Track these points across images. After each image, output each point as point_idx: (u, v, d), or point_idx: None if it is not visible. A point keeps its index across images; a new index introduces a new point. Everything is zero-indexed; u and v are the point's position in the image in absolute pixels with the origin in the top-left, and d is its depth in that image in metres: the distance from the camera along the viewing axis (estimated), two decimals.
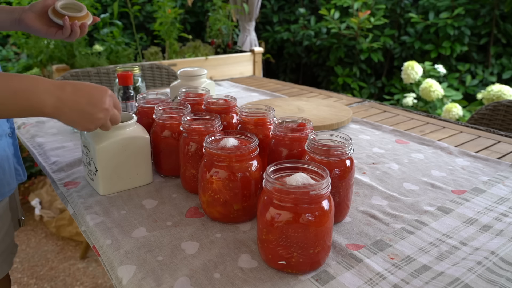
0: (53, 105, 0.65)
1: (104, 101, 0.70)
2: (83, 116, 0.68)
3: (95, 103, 0.69)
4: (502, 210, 0.75)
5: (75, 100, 0.66)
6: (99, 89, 0.70)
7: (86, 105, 0.68)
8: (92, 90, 0.69)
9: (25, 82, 0.62)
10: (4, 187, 0.79)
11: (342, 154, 0.66)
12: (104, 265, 0.63)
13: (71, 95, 0.66)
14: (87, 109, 0.68)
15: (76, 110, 0.67)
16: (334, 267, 0.59)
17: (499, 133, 1.17)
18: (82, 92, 0.68)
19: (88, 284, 1.86)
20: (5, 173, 0.80)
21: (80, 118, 0.68)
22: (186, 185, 0.81)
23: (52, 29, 0.91)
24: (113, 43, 2.88)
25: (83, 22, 0.92)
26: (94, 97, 0.69)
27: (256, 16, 3.56)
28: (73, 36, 0.93)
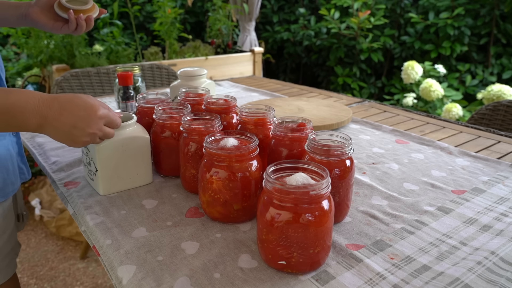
0: (38, 124, 0.64)
1: (90, 125, 0.67)
2: (67, 137, 0.67)
3: (81, 127, 0.66)
4: (502, 210, 0.75)
5: (60, 121, 0.65)
6: (87, 111, 0.66)
7: (71, 128, 0.66)
8: (79, 112, 0.66)
9: (12, 100, 0.61)
10: (8, 187, 0.78)
11: (342, 154, 0.66)
12: (104, 265, 0.63)
13: (56, 115, 0.64)
14: (72, 131, 0.66)
15: (60, 130, 0.66)
16: (334, 267, 0.59)
17: (499, 133, 1.17)
18: (68, 113, 0.65)
19: (88, 284, 1.86)
20: (9, 172, 0.78)
21: (64, 138, 0.67)
22: (186, 185, 0.81)
23: (58, 23, 0.90)
24: (113, 43, 2.88)
25: (88, 15, 0.90)
26: (80, 120, 0.66)
27: (256, 16, 3.56)
28: (79, 30, 0.91)
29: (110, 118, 0.71)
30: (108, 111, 0.71)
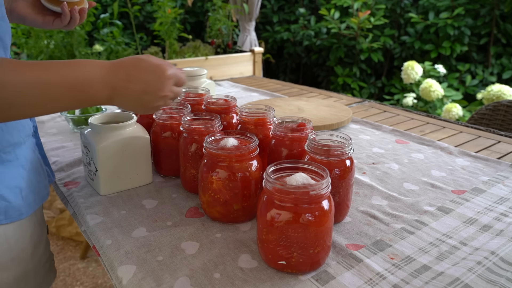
0: (107, 96, 0.59)
1: (162, 88, 0.62)
2: (139, 104, 0.62)
3: (152, 91, 0.61)
4: (502, 210, 0.75)
5: (129, 89, 0.59)
6: (156, 73, 0.61)
7: (142, 94, 0.61)
8: (148, 76, 0.60)
9: (79, 73, 0.56)
10: (43, 191, 0.72)
11: (342, 154, 0.66)
12: (104, 265, 0.63)
13: (125, 83, 0.59)
14: (143, 97, 0.61)
15: (130, 98, 0.60)
16: (334, 267, 0.59)
17: (499, 133, 1.17)
18: (136, 79, 0.60)
19: (88, 284, 1.86)
20: (40, 174, 0.72)
21: (136, 106, 0.62)
22: (186, 185, 0.81)
23: (49, 17, 0.84)
24: (113, 43, 2.88)
25: (82, 7, 0.86)
26: (149, 84, 0.61)
27: (256, 16, 3.56)
28: (72, 24, 0.85)
29: (178, 76, 0.65)
30: (175, 69, 0.66)
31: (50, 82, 0.54)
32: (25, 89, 0.52)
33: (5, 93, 0.51)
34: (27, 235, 0.67)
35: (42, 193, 0.71)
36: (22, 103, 0.52)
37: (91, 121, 0.80)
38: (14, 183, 0.63)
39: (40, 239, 0.72)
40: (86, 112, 1.16)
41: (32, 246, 0.69)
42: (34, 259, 0.70)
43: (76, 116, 1.14)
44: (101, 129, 0.78)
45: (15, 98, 0.52)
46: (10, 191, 0.63)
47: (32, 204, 0.67)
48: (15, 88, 0.51)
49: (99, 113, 0.99)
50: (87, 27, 2.69)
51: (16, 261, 0.65)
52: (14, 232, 0.64)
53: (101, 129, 0.78)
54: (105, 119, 0.84)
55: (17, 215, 0.64)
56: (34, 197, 0.68)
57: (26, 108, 0.54)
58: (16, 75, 0.51)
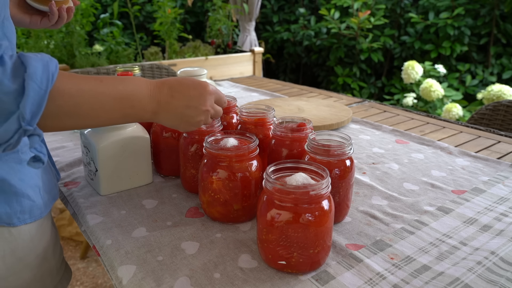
0: (153, 110, 0.61)
1: (203, 103, 0.64)
2: (182, 119, 0.64)
3: (195, 106, 0.63)
4: (502, 210, 0.75)
5: (172, 104, 0.62)
6: (198, 89, 0.64)
7: (184, 109, 0.63)
8: (190, 91, 0.63)
9: (130, 87, 0.59)
10: (54, 189, 0.73)
11: (342, 154, 0.66)
12: (104, 265, 0.63)
13: (168, 98, 0.61)
14: (185, 112, 0.63)
15: (173, 113, 0.62)
16: (334, 267, 0.59)
17: (499, 133, 1.17)
18: (179, 93, 0.62)
19: (88, 284, 1.86)
20: (50, 174, 0.73)
21: (179, 121, 0.64)
22: (186, 185, 0.81)
23: (36, 17, 0.84)
24: (113, 43, 2.88)
25: (68, 6, 0.86)
26: (192, 99, 0.63)
27: (256, 16, 3.57)
28: (60, 22, 0.86)
29: (219, 94, 0.68)
30: (216, 88, 0.68)
31: (104, 93, 0.56)
32: (80, 98, 0.54)
33: (61, 101, 0.52)
34: (47, 234, 0.69)
35: (54, 191, 0.72)
36: (75, 112, 0.54)
37: None
38: (33, 182, 0.64)
39: (57, 238, 0.74)
40: None
41: (53, 244, 0.71)
42: (55, 256, 0.72)
43: None
44: (101, 129, 0.78)
45: (70, 107, 0.53)
46: (32, 190, 0.64)
47: (48, 203, 0.68)
48: (71, 97, 0.53)
49: None
50: (87, 27, 2.69)
51: (39, 259, 0.67)
52: (37, 231, 0.66)
53: (101, 129, 0.78)
54: None
55: (39, 214, 0.65)
56: (48, 196, 0.69)
57: (78, 118, 0.55)
58: (73, 85, 0.53)
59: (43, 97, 0.49)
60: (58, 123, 0.54)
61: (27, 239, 0.64)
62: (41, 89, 0.49)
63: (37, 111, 0.49)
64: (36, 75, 0.48)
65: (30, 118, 0.48)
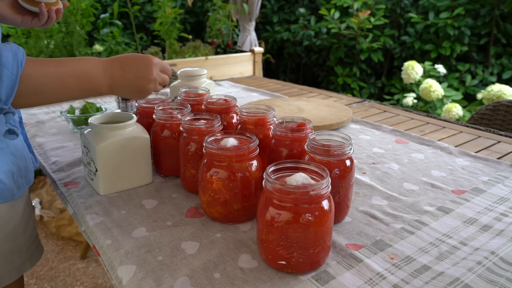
0: (108, 84, 0.71)
1: (150, 72, 0.74)
2: (134, 88, 0.74)
3: (143, 76, 0.74)
4: (502, 210, 0.75)
5: (124, 77, 0.72)
6: (144, 61, 0.74)
7: (135, 80, 0.73)
8: (137, 63, 0.74)
9: (86, 66, 0.69)
10: (29, 174, 0.79)
11: (342, 154, 0.66)
12: (104, 265, 0.63)
13: (120, 72, 0.72)
14: (136, 82, 0.74)
15: (126, 85, 0.73)
16: (334, 267, 0.59)
17: (499, 133, 1.17)
18: (128, 67, 0.73)
19: (88, 284, 1.86)
20: (27, 160, 0.79)
21: (132, 91, 0.75)
22: (186, 185, 0.81)
23: (27, 17, 0.90)
24: (113, 43, 2.88)
25: (58, 8, 0.92)
26: (141, 70, 0.74)
27: (256, 16, 3.56)
28: (49, 23, 0.92)
29: (163, 65, 0.79)
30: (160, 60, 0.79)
31: (64, 73, 0.67)
32: (44, 79, 0.65)
33: (29, 83, 0.63)
34: (18, 214, 0.76)
35: (29, 177, 0.79)
36: (41, 91, 0.65)
37: (91, 121, 0.80)
38: (7, 167, 0.71)
39: (30, 218, 0.81)
40: (86, 112, 1.16)
41: (24, 224, 0.78)
42: (25, 235, 0.79)
43: (76, 116, 1.14)
44: (101, 129, 0.78)
45: (37, 87, 0.64)
46: (4, 175, 0.70)
47: (21, 187, 0.76)
48: (37, 79, 0.64)
49: (99, 113, 0.99)
50: (87, 27, 2.69)
51: (9, 237, 0.74)
52: (8, 211, 0.73)
53: (101, 129, 0.78)
54: (105, 119, 0.84)
55: (10, 196, 0.72)
56: (22, 180, 0.76)
57: (44, 95, 0.66)
58: (38, 69, 0.64)
59: (15, 81, 0.60)
60: (28, 101, 0.66)
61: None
62: (12, 74, 0.59)
63: (10, 93, 0.60)
64: (8, 63, 0.59)
65: (5, 99, 0.60)
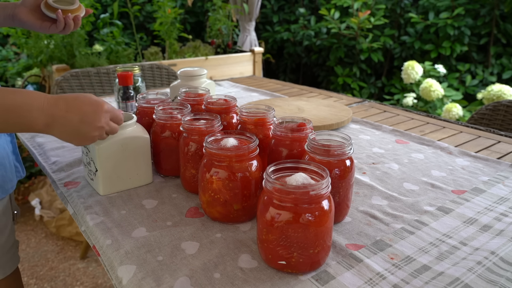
0: (44, 122, 0.64)
1: (98, 119, 0.68)
2: (76, 134, 0.67)
3: (89, 122, 0.67)
4: (502, 210, 0.75)
5: (67, 118, 0.65)
6: (93, 106, 0.67)
7: (79, 124, 0.66)
8: (85, 107, 0.67)
9: (18, 99, 0.62)
10: (7, 184, 0.80)
11: (342, 154, 0.66)
12: (104, 265, 0.63)
13: (63, 112, 0.65)
14: (80, 127, 0.67)
15: (68, 128, 0.66)
16: (334, 267, 0.59)
17: (499, 133, 1.17)
18: (74, 109, 0.66)
19: (88, 284, 1.86)
20: (7, 170, 0.80)
21: (73, 136, 0.68)
22: (186, 185, 0.81)
23: (46, 23, 0.92)
24: (113, 43, 2.87)
25: (76, 15, 0.93)
26: (87, 115, 0.67)
27: (256, 16, 3.56)
28: (67, 29, 0.93)
29: (115, 113, 0.73)
30: (112, 107, 0.73)
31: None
32: None
33: None
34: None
35: (6, 186, 0.79)
36: None
37: None
38: None
39: (4, 227, 0.81)
40: None
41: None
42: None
43: None
44: None
45: None
46: None
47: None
48: None
49: None
50: (87, 27, 2.69)
51: None
52: None
53: None
54: None
55: None
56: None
57: None
58: None
59: None
60: None
61: None
62: None
63: None
64: None
65: None
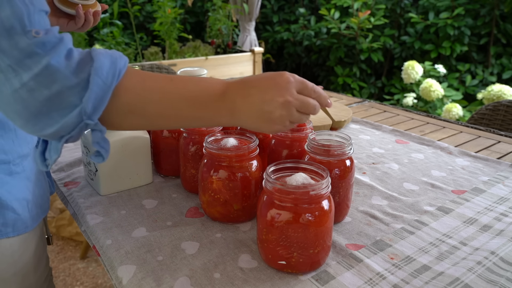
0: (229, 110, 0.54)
1: (280, 92, 0.53)
2: (261, 117, 0.54)
3: (270, 98, 0.53)
4: (502, 210, 0.75)
5: (248, 102, 0.53)
6: (274, 78, 0.54)
7: (261, 104, 0.53)
8: (265, 83, 0.54)
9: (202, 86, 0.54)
10: (45, 203, 0.71)
11: (342, 154, 0.66)
12: (104, 265, 0.63)
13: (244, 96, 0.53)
14: (263, 108, 0.53)
15: (252, 113, 0.53)
16: (334, 267, 0.59)
17: (499, 133, 1.17)
18: (254, 89, 0.53)
19: (88, 284, 1.86)
20: (44, 188, 0.72)
21: (258, 121, 0.54)
22: (186, 185, 0.81)
23: (63, 20, 0.85)
24: (113, 43, 2.88)
25: (96, 10, 0.87)
26: (267, 91, 0.53)
27: (256, 16, 3.56)
28: (86, 26, 0.85)
29: (303, 82, 0.56)
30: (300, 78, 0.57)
31: (173, 91, 0.52)
32: (146, 97, 0.51)
33: (126, 98, 0.50)
34: (31, 249, 0.67)
35: (45, 206, 0.71)
36: (141, 110, 0.51)
37: None
38: (21, 195, 0.63)
39: (42, 254, 0.72)
40: None
41: (36, 261, 0.69)
42: (36, 274, 0.70)
43: None
44: None
45: (136, 105, 0.51)
46: (18, 203, 0.63)
47: (36, 217, 0.67)
48: (137, 94, 0.50)
49: None
50: None
51: (19, 276, 0.65)
52: (20, 246, 0.64)
53: None
54: None
55: (23, 228, 0.64)
56: (37, 210, 0.68)
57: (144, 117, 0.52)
58: (140, 83, 0.51)
59: (107, 92, 0.47)
60: (123, 121, 0.52)
61: (7, 254, 0.62)
62: (105, 84, 0.47)
63: (99, 106, 0.48)
64: (102, 70, 0.47)
65: (92, 112, 0.48)
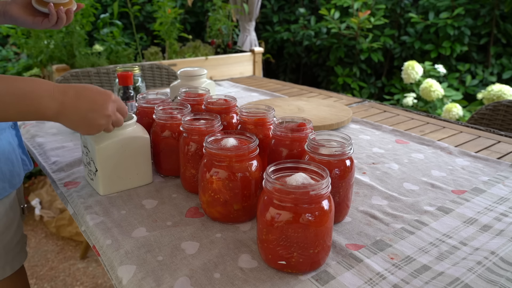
0: (56, 109, 0.65)
1: (106, 107, 0.70)
2: (84, 121, 0.69)
3: (97, 109, 0.69)
4: (502, 210, 0.75)
5: (76, 106, 0.67)
6: (102, 95, 0.70)
7: (88, 112, 0.68)
8: (94, 96, 0.69)
9: (29, 86, 0.63)
10: (15, 178, 0.80)
11: (342, 154, 0.66)
12: (104, 265, 0.63)
13: (73, 100, 0.67)
14: (88, 115, 0.68)
15: (77, 115, 0.68)
16: (334, 267, 0.59)
17: (499, 133, 1.17)
18: (84, 97, 0.68)
19: (88, 284, 1.86)
20: (14, 164, 0.80)
21: (81, 123, 0.69)
22: (186, 185, 0.81)
23: (38, 18, 0.92)
24: (113, 43, 2.87)
25: (68, 8, 0.93)
26: (96, 103, 0.69)
27: (256, 16, 3.56)
28: (59, 23, 0.93)
29: (121, 104, 0.74)
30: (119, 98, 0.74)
31: (1, 90, 0.60)
32: None
33: None
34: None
35: (14, 180, 0.80)
36: None
37: None
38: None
39: (12, 222, 0.82)
40: None
41: (3, 227, 0.79)
42: (5, 239, 0.79)
43: None
44: None
45: None
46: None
47: (2, 191, 0.77)
48: None
49: None
50: (87, 27, 2.68)
51: None
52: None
53: None
54: None
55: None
56: (5, 184, 0.78)
57: None
58: None
59: None
60: None
61: None
62: None
63: None
64: None
65: None
